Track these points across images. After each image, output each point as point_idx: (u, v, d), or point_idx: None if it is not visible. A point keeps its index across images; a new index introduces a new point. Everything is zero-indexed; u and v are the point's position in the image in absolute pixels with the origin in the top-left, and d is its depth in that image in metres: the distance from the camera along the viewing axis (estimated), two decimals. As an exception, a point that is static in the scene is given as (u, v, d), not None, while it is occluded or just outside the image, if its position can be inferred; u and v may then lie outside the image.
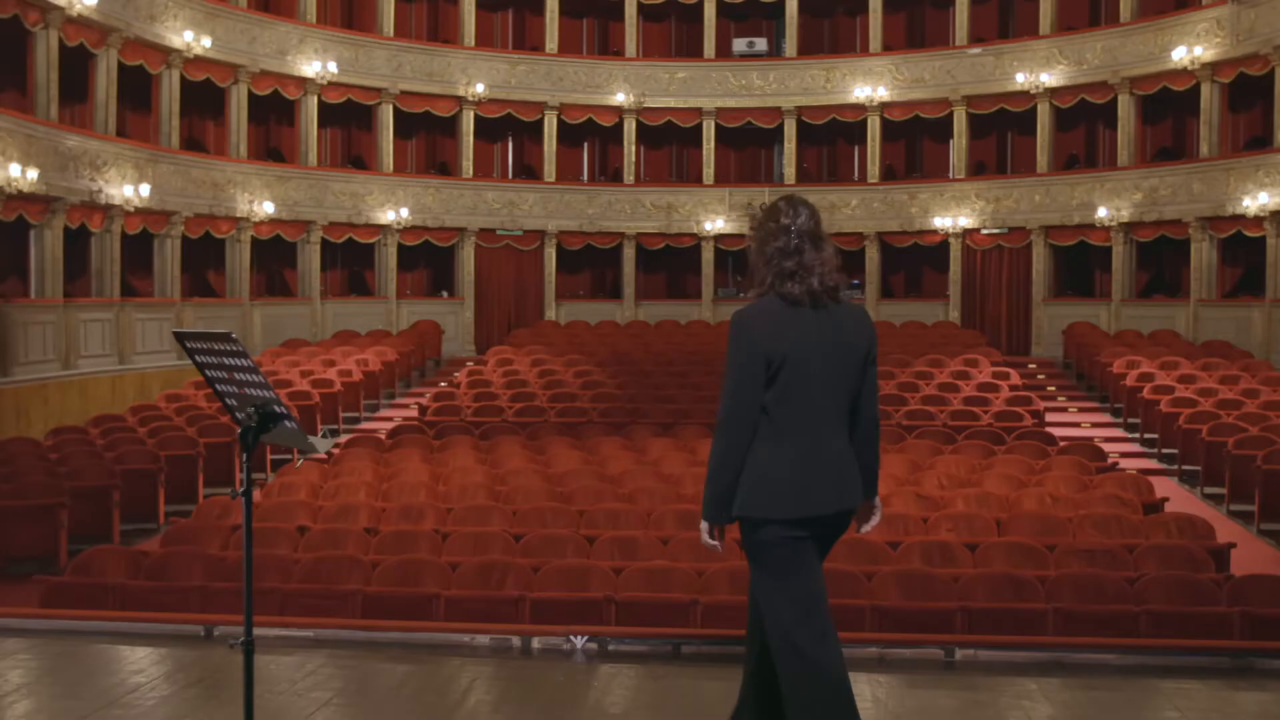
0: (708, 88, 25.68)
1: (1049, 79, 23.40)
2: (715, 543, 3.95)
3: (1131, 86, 22.55)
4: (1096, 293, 23.85)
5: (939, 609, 8.12)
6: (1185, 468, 15.62)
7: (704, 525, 3.94)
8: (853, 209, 25.35)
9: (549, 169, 25.43)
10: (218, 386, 3.35)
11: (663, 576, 8.52)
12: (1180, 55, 21.26)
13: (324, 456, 15.08)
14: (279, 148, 23.41)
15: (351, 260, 24.41)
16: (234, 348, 3.12)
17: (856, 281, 25.89)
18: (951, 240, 24.62)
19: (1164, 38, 21.81)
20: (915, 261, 25.72)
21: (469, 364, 22.96)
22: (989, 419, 16.44)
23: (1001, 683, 5.21)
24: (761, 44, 26.02)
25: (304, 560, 8.88)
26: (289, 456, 15.64)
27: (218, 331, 3.12)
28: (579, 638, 5.57)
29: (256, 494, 12.77)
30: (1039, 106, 23.79)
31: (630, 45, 25.84)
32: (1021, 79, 23.65)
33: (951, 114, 24.76)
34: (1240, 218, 20.51)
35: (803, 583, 3.87)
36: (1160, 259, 23.03)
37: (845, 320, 3.99)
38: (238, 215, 21.30)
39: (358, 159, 24.70)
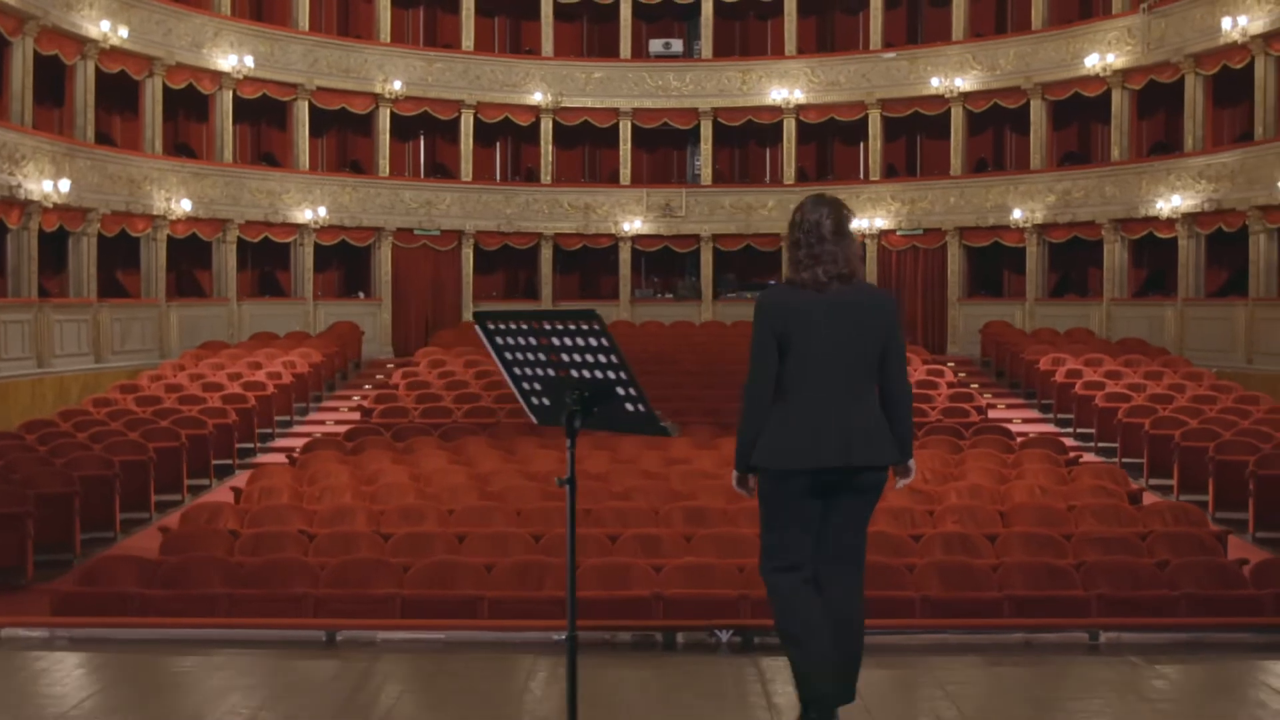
0: (624, 88, 25.65)
1: (963, 83, 23.94)
2: (743, 489, 4.51)
3: (1044, 92, 23.19)
4: (1008, 292, 24.46)
5: (985, 598, 8.22)
6: (1126, 460, 16.07)
7: (734, 474, 4.52)
8: (770, 210, 25.58)
9: (465, 168, 25.13)
10: (514, 370, 3.18)
11: (705, 573, 8.47)
12: (1093, 62, 21.94)
13: (284, 460, 14.70)
14: (189, 143, 22.67)
15: (266, 260, 23.76)
16: (591, 326, 2.96)
17: (773, 282, 26.13)
18: (868, 241, 24.99)
19: (1076, 45, 22.49)
20: (830, 262, 25.99)
21: (389, 365, 22.58)
22: (937, 415, 16.72)
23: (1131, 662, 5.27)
24: (678, 45, 26.11)
25: (331, 565, 8.59)
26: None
27: (580, 310, 2.96)
28: (723, 632, 5.49)
29: (224, 496, 12.34)
30: (953, 110, 24.32)
31: (546, 44, 25.66)
32: (936, 83, 24.15)
33: (866, 117, 25.16)
34: (1153, 220, 21.25)
35: (787, 527, 4.43)
36: (1072, 260, 23.72)
37: (855, 302, 4.48)
38: (154, 213, 20.54)
39: (269, 156, 24.05)
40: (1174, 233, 20.97)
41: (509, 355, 3.19)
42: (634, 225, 25.46)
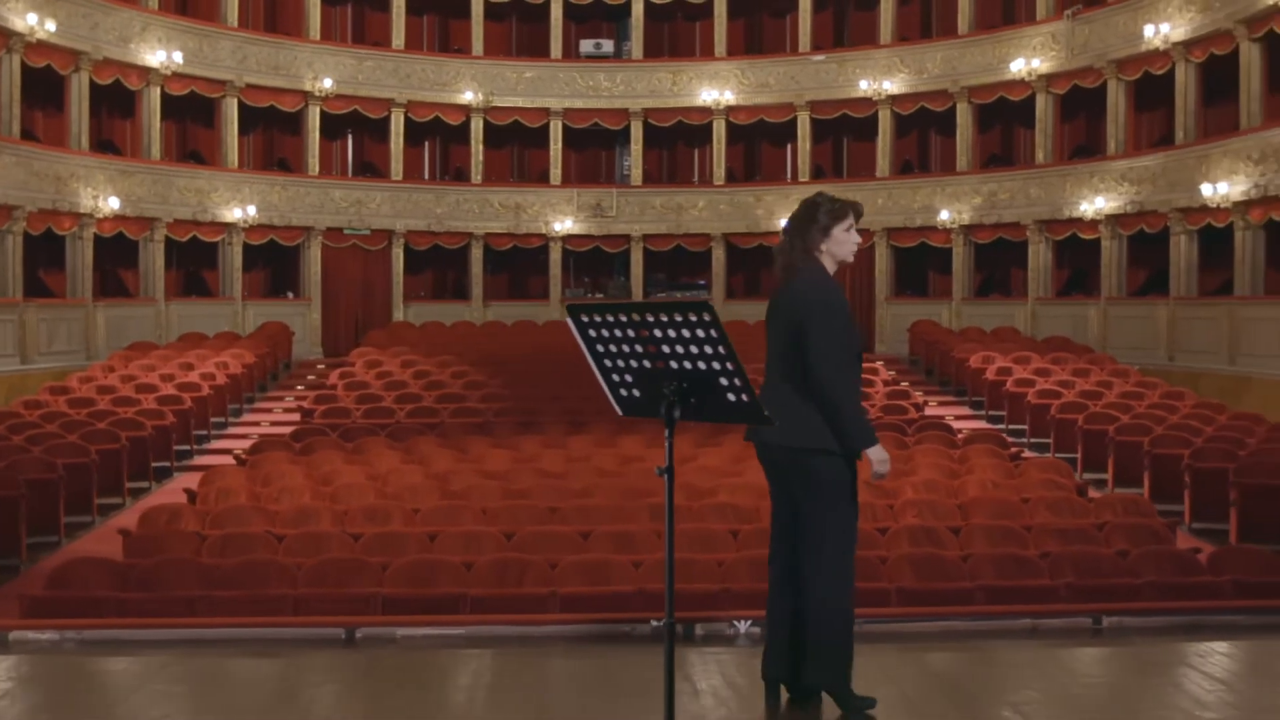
0: (555, 88, 25.67)
1: (891, 86, 24.33)
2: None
3: (970, 95, 23.66)
4: (935, 292, 24.90)
5: (957, 588, 8.41)
6: (1060, 455, 16.46)
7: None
8: (700, 210, 25.78)
9: (396, 167, 24.96)
10: (604, 362, 3.23)
11: (690, 568, 8.55)
12: (1018, 67, 22.45)
13: (232, 462, 14.49)
14: (115, 140, 22.22)
15: (194, 260, 23.35)
16: (702, 318, 3.01)
17: (702, 282, 26.35)
18: (796, 241, 25.22)
19: (1002, 50, 22.98)
20: (760, 263, 26.29)
21: (320, 366, 22.36)
22: (877, 412, 16.99)
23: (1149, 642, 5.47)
24: (608, 46, 26.19)
25: (307, 565, 8.52)
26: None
27: (693, 302, 3.00)
28: (742, 622, 5.58)
29: (170, 498, 12.11)
30: (880, 113, 24.70)
31: (476, 44, 25.59)
32: (864, 86, 24.51)
33: (795, 118, 25.45)
34: (1076, 221, 21.79)
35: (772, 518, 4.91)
36: (997, 260, 24.22)
37: (788, 294, 4.79)
38: (81, 211, 20.12)
39: (197, 154, 23.67)
40: (1097, 234, 21.52)
41: (600, 347, 3.24)
42: (565, 225, 25.48)
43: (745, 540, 9.38)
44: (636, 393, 3.27)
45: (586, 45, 26.08)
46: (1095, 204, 21.23)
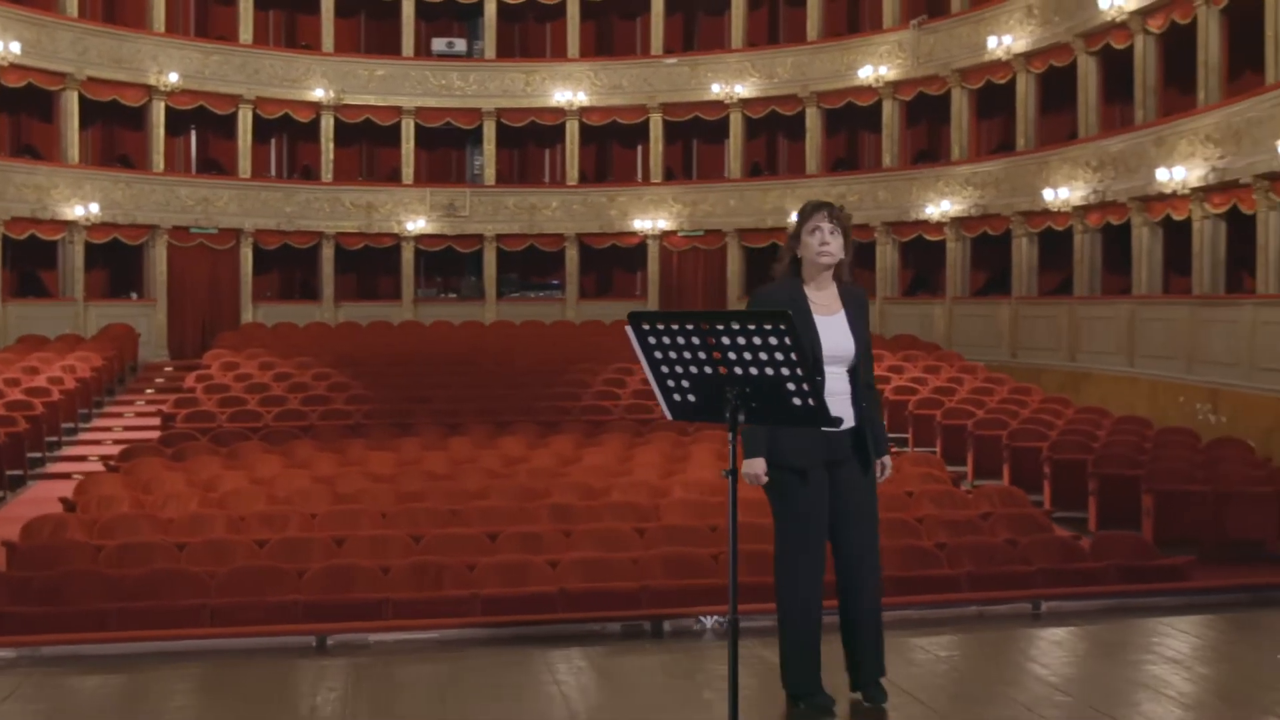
0: (408, 86, 25.42)
1: (742, 90, 24.82)
2: None
3: (819, 100, 24.29)
4: (785, 292, 25.45)
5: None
6: (918, 450, 17.08)
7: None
8: (553, 210, 25.85)
9: (244, 165, 24.37)
10: (661, 369, 3.33)
11: (607, 567, 8.67)
12: (866, 74, 23.15)
13: (94, 468, 14.03)
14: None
15: (32, 259, 22.35)
16: (777, 327, 3.11)
17: (556, 282, 26.43)
18: (650, 242, 25.58)
19: (850, 56, 23.67)
20: (614, 263, 26.52)
21: (167, 369, 21.78)
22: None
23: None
24: (461, 45, 26.06)
25: (220, 573, 8.35)
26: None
27: (773, 311, 3.10)
28: (708, 618, 5.72)
29: (37, 507, 11.64)
30: (732, 116, 25.16)
31: (326, 40, 25.16)
32: (716, 89, 24.93)
33: (648, 120, 25.73)
34: (923, 223, 22.60)
35: None
36: (845, 260, 24.87)
37: None
38: (-88, 208, 19.15)
39: (33, 149, 22.71)
40: (942, 235, 22.37)
41: (658, 354, 3.33)
42: (418, 225, 25.26)
43: (653, 538, 9.54)
44: (692, 398, 3.37)
45: (439, 44, 25.90)
46: (941, 207, 22.06)
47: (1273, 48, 14.81)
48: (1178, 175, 16.38)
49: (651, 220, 25.37)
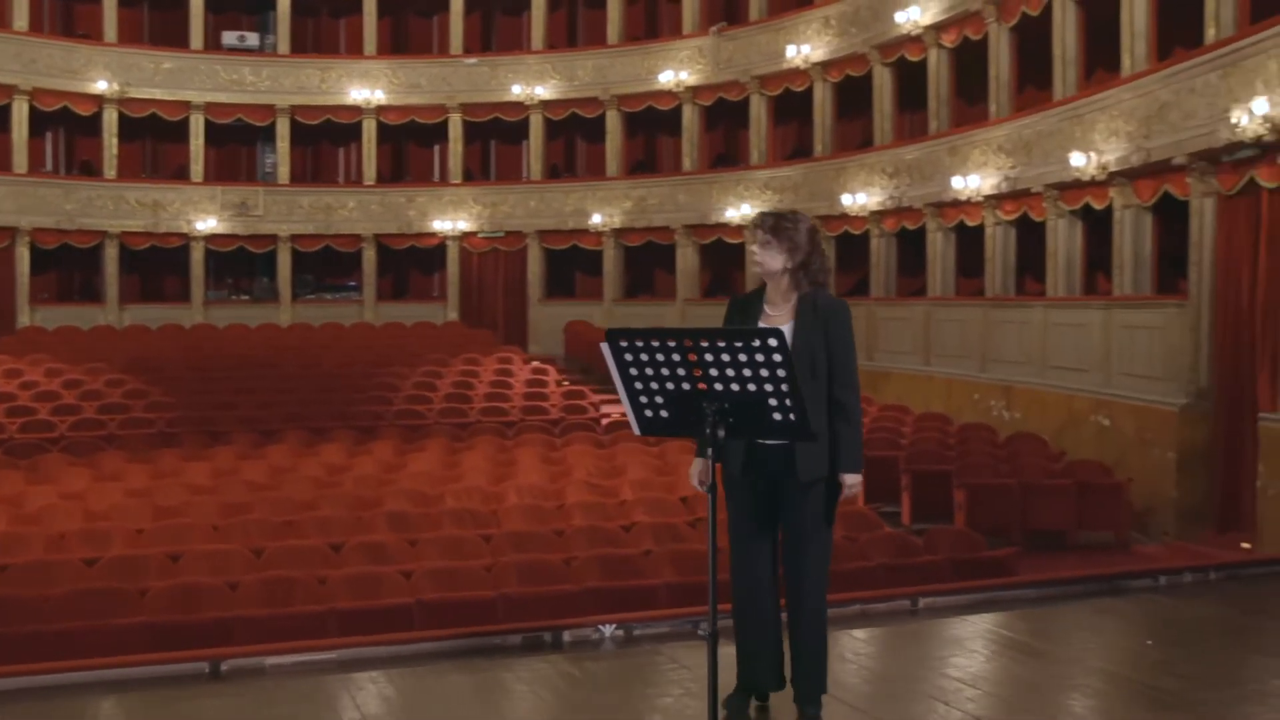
0: (197, 80, 24.51)
1: (543, 92, 24.84)
2: None
3: (620, 103, 24.52)
4: (588, 293, 25.62)
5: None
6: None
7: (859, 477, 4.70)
8: (350, 211, 25.35)
9: (20, 160, 23.05)
10: (635, 385, 3.32)
11: (460, 575, 8.58)
12: (667, 78, 23.51)
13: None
14: None
15: None
16: (768, 343, 3.13)
17: (354, 283, 25.92)
18: (450, 243, 25.35)
19: (651, 61, 23.98)
20: (412, 264, 26.17)
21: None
22: (557, 413, 17.41)
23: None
24: (253, 39, 25.27)
25: (55, 596, 7.90)
26: None
27: (764, 329, 3.11)
28: (607, 626, 5.72)
29: None
30: (532, 117, 25.16)
31: (109, 30, 24.02)
32: (517, 90, 24.89)
33: (447, 120, 25.48)
34: (722, 226, 23.09)
35: None
36: (647, 262, 25.22)
37: None
38: None
39: None
40: (741, 238, 22.87)
41: (634, 370, 3.33)
42: (208, 224, 24.38)
43: (500, 545, 9.48)
44: (664, 413, 3.39)
45: (229, 37, 25.05)
46: (740, 210, 22.56)
47: (1060, 65, 15.70)
48: (972, 183, 17.20)
49: (451, 221, 25.15)
